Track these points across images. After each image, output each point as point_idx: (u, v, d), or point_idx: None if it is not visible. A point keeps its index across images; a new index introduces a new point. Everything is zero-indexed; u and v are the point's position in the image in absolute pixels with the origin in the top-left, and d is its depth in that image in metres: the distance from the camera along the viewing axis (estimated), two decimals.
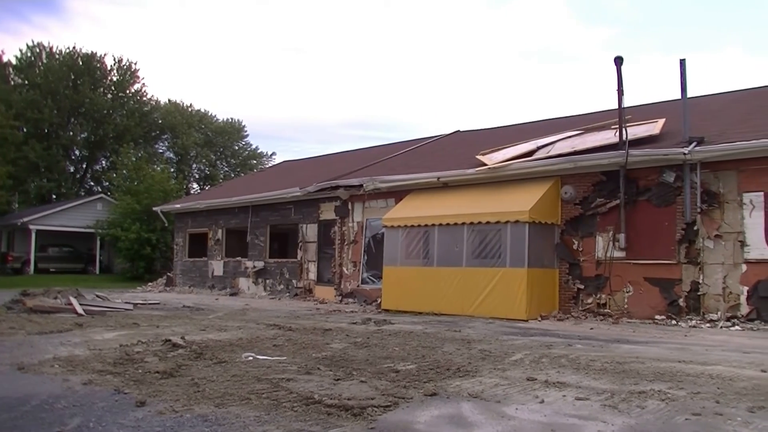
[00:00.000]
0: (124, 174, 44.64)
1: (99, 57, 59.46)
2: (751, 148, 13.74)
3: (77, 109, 58.07)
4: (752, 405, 5.77)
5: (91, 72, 58.61)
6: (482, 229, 16.63)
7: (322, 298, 22.66)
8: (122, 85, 61.29)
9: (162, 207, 32.81)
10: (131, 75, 61.56)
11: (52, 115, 55.15)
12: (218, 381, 6.83)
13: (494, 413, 5.52)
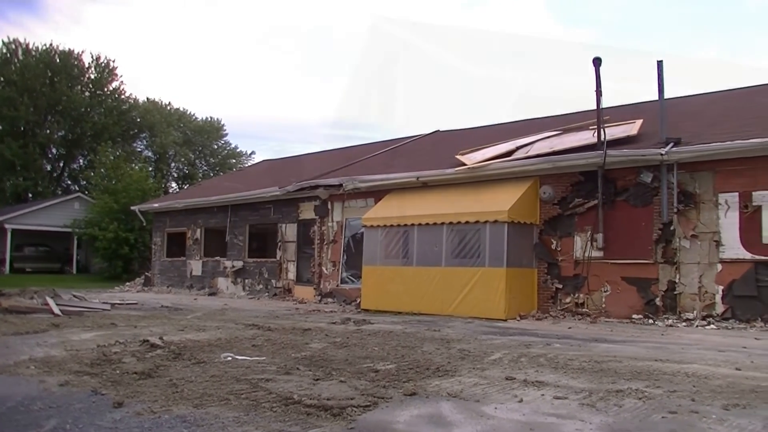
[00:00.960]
0: (102, 173, 44.21)
1: (76, 54, 58.73)
2: (726, 149, 13.87)
3: (54, 107, 57.38)
4: (727, 402, 5.79)
5: (69, 69, 57.92)
6: (462, 228, 16.65)
7: (302, 298, 22.56)
8: (100, 82, 60.61)
9: (140, 206, 32.43)
10: (109, 73, 60.91)
11: (28, 112, 54.43)
12: (197, 381, 6.78)
13: (473, 412, 5.53)
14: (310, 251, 23.10)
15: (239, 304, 20.36)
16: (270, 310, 18.09)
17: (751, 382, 6.88)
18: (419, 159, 23.16)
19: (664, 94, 15.65)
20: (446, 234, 16.94)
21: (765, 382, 6.92)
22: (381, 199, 20.30)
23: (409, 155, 24.62)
